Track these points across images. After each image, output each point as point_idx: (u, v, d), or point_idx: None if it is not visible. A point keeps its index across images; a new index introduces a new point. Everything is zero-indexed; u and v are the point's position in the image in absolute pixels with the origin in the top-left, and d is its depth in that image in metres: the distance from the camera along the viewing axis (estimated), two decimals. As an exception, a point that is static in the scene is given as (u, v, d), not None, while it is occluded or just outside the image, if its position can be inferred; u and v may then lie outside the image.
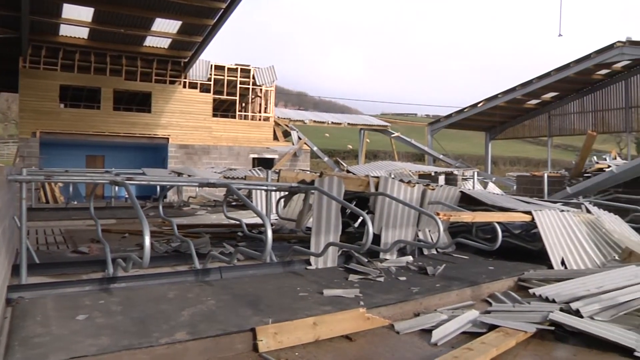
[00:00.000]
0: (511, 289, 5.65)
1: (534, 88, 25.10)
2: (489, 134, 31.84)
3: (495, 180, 24.88)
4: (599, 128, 26.67)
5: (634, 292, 4.71)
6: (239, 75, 26.73)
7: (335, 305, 4.41)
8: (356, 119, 34.66)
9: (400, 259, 6.55)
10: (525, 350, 3.81)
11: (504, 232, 7.33)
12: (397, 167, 18.94)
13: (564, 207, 8.11)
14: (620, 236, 7.54)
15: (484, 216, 6.93)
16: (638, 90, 25.72)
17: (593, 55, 22.47)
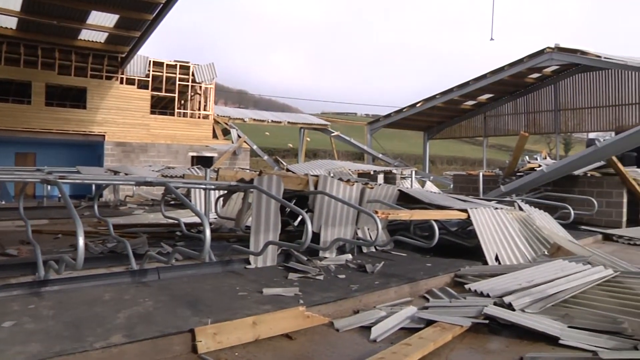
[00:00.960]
0: (448, 284, 5.79)
1: (471, 89, 25.76)
2: (427, 134, 32.48)
3: (433, 179, 25.40)
4: (530, 129, 27.64)
5: (560, 284, 4.94)
6: (178, 72, 26.26)
7: (275, 304, 4.40)
8: (296, 117, 34.70)
9: (340, 257, 6.61)
10: (461, 343, 3.92)
11: (441, 230, 7.49)
12: (336, 165, 19.05)
13: (498, 205, 8.38)
14: (549, 232, 7.87)
15: (421, 214, 7.07)
16: (566, 93, 26.83)
17: (525, 59, 23.26)
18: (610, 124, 25.39)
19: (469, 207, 7.47)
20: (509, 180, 12.28)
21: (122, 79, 24.38)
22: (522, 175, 12.16)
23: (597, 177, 11.62)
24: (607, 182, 11.37)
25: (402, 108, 29.21)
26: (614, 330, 4.05)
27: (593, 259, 6.45)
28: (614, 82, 25.02)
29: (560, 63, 23.27)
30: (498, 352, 3.78)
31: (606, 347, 3.72)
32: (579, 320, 4.26)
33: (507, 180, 12.35)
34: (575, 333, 3.99)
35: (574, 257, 6.53)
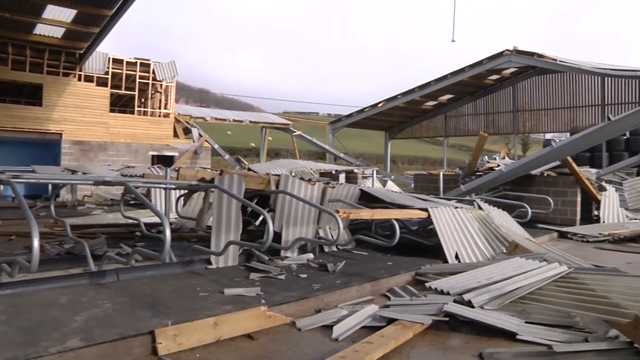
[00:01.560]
0: (409, 283, 5.85)
1: (432, 90, 26.11)
2: (388, 134, 32.77)
3: (394, 178, 25.64)
4: (490, 129, 28.19)
5: (518, 281, 5.06)
6: (138, 70, 25.82)
7: (236, 304, 4.38)
8: (258, 116, 34.55)
9: (301, 257, 6.61)
10: (422, 340, 3.97)
11: (402, 229, 7.58)
12: (298, 165, 19.04)
13: (458, 204, 8.51)
14: (507, 230, 8.04)
15: (382, 213, 7.12)
16: (524, 95, 27.47)
17: (485, 61, 23.72)
18: (566, 125, 26.09)
19: (430, 207, 7.57)
20: (469, 179, 12.48)
21: (80, 75, 23.79)
22: (481, 175, 12.37)
23: (553, 176, 11.92)
24: (563, 182, 11.67)
25: (363, 108, 29.40)
26: (568, 324, 4.19)
27: (549, 256, 6.62)
28: (569, 85, 25.73)
29: (519, 65, 23.83)
30: (458, 349, 3.85)
31: (560, 341, 3.84)
32: (535, 316, 4.38)
33: (467, 179, 12.54)
34: (531, 328, 4.10)
35: (531, 254, 6.68)
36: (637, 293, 4.76)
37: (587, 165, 19.17)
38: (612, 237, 9.52)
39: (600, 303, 4.56)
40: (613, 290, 4.85)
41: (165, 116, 26.82)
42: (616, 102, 24.28)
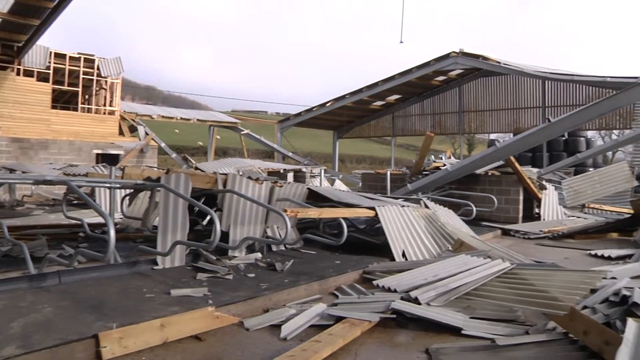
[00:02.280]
0: (357, 281, 5.90)
1: (380, 90, 26.37)
2: (336, 133, 32.92)
3: (342, 177, 25.78)
4: (436, 129, 28.71)
5: (463, 278, 5.18)
6: (82, 65, 25.08)
7: (183, 305, 4.32)
8: (206, 115, 34.10)
9: (249, 256, 6.58)
10: (370, 338, 4.01)
11: (349, 227, 7.63)
12: (246, 164, 18.94)
13: (405, 203, 8.63)
14: (453, 228, 8.20)
15: (330, 212, 7.16)
16: (469, 96, 28.11)
17: (432, 62, 24.12)
18: (509, 126, 26.86)
19: (377, 205, 7.65)
20: (416, 178, 12.67)
21: (19, 70, 22.90)
22: (428, 174, 12.58)
23: (497, 175, 12.23)
24: (506, 181, 11.99)
25: (312, 107, 29.45)
26: (510, 318, 4.33)
27: (493, 253, 6.80)
28: (513, 87, 26.49)
29: (464, 67, 24.37)
30: (405, 345, 3.90)
31: (502, 334, 3.96)
32: (480, 311, 4.50)
33: (413, 178, 12.73)
34: (476, 323, 4.21)
35: (476, 251, 6.84)
36: (573, 287, 4.96)
37: (529, 164, 19.83)
38: (552, 234, 9.85)
39: (540, 297, 4.74)
40: (552, 285, 5.03)
41: (111, 113, 26.18)
42: (556, 105, 25.15)
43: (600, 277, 5.35)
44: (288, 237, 6.58)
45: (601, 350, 3.30)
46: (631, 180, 15.53)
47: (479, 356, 3.62)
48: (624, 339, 3.19)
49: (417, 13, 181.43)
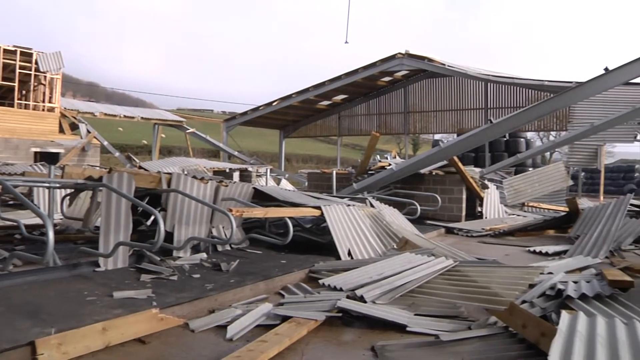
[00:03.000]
0: (303, 280, 5.90)
1: (326, 90, 26.47)
2: (283, 132, 32.87)
3: (288, 176, 25.79)
4: (382, 129, 29.04)
5: (408, 276, 5.26)
6: (18, 59, 24.14)
7: (126, 307, 4.21)
8: (150, 113, 33.45)
9: (194, 257, 6.49)
10: (316, 337, 4.01)
11: (295, 227, 7.63)
12: (191, 163, 18.70)
13: (350, 202, 8.70)
14: (398, 227, 8.32)
15: (276, 212, 7.14)
16: (415, 97, 28.57)
17: (378, 63, 24.39)
18: (453, 127, 27.45)
19: (323, 205, 7.68)
20: (361, 178, 12.78)
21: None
22: (373, 174, 12.71)
23: (440, 175, 12.48)
24: (449, 180, 12.25)
25: (258, 106, 29.30)
26: (454, 315, 4.43)
27: (437, 251, 6.93)
28: (457, 89, 27.09)
29: (410, 68, 24.74)
30: (351, 343, 3.93)
31: (446, 330, 4.04)
32: (424, 308, 4.58)
33: (359, 178, 12.84)
34: (420, 320, 4.27)
35: (420, 249, 6.96)
36: (513, 282, 5.12)
37: (471, 164, 20.33)
38: (493, 232, 10.13)
39: (482, 293, 4.86)
40: (493, 281, 5.17)
41: (50, 110, 25.33)
42: (498, 106, 25.88)
43: (538, 273, 5.54)
44: (234, 237, 6.53)
45: (538, 342, 3.43)
46: (567, 179, 16.17)
47: (423, 352, 3.68)
48: (558, 330, 3.33)
49: (363, 14, 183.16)
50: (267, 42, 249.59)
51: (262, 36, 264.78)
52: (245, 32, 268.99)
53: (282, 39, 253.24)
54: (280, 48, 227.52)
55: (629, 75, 11.08)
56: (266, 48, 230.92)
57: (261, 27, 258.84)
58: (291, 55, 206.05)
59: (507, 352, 3.55)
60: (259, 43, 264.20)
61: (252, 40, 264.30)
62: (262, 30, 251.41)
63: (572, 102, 14.82)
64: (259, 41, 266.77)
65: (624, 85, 15.41)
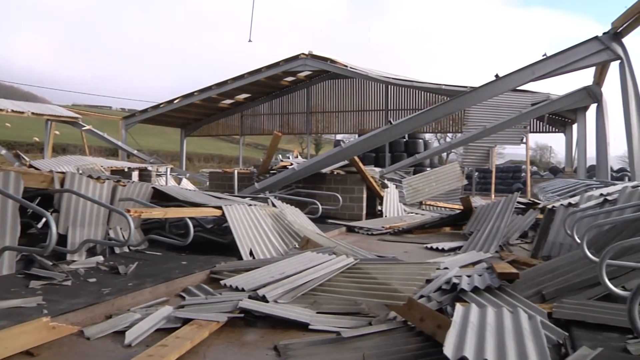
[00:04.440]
0: (204, 281, 5.80)
1: (229, 89, 26.13)
2: (184, 131, 32.13)
3: (189, 176, 25.28)
4: (284, 129, 29.10)
5: (309, 274, 5.32)
6: None
7: (13, 318, 3.94)
8: (42, 108, 31.50)
9: (90, 260, 6.19)
10: (218, 338, 3.96)
11: (196, 227, 7.50)
12: (87, 162, 17.90)
13: (252, 202, 8.68)
14: (299, 226, 8.38)
15: (176, 212, 6.99)
16: (317, 97, 28.86)
17: (281, 63, 24.39)
18: (354, 127, 27.99)
19: (224, 204, 7.60)
20: (263, 177, 12.77)
21: None
22: (275, 173, 12.73)
23: (342, 174, 12.69)
24: (350, 179, 12.48)
25: (159, 104, 28.46)
26: (355, 311, 4.53)
27: (338, 249, 7.06)
28: (358, 90, 27.64)
29: (313, 69, 24.95)
30: (254, 343, 3.91)
31: (347, 327, 4.12)
32: (326, 306, 4.64)
33: (261, 177, 12.81)
34: (322, 318, 4.33)
35: (322, 248, 7.05)
36: (411, 278, 5.32)
37: (372, 164, 20.85)
38: (393, 230, 10.44)
39: (382, 289, 5.01)
40: (392, 277, 5.34)
41: None
42: (397, 108, 26.69)
43: (434, 268, 5.79)
44: (132, 239, 6.31)
45: (434, 334, 3.58)
46: (461, 179, 17.00)
47: (325, 349, 3.73)
48: (453, 322, 3.50)
49: (267, 14, 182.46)
50: (169, 39, 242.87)
51: (163, 33, 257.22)
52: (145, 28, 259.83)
53: (183, 35, 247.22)
54: (182, 45, 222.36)
55: (516, 82, 11.85)
56: (167, 45, 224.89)
57: (162, 24, 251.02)
58: (193, 53, 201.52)
59: (406, 346, 3.67)
60: (160, 40, 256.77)
61: (153, 37, 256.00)
62: (163, 27, 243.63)
63: (467, 106, 15.60)
64: (160, 38, 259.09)
65: (513, 92, 16.46)
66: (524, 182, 24.91)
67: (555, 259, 6.13)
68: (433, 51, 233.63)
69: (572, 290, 4.67)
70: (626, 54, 11.10)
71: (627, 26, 10.74)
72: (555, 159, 56.36)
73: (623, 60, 11.10)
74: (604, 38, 11.05)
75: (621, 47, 11.04)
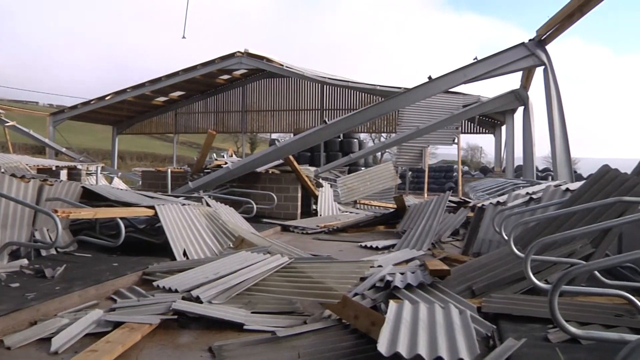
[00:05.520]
0: (136, 283, 5.67)
1: (163, 86, 25.60)
2: (116, 128, 31.26)
3: (121, 175, 24.63)
4: (219, 128, 28.80)
5: (244, 274, 5.31)
6: None
7: None
8: (-40, 104, 30.01)
9: (13, 264, 5.91)
10: (151, 341, 3.88)
11: (128, 227, 7.32)
12: (11, 160, 17.08)
13: (186, 201, 8.55)
14: (234, 226, 8.32)
15: (106, 212, 6.79)
16: (253, 96, 28.72)
17: (217, 60, 24.10)
18: (290, 127, 28.02)
19: (157, 204, 7.46)
20: (197, 176, 12.60)
21: None
22: (209, 172, 12.60)
23: (277, 174, 12.68)
24: (285, 179, 12.48)
25: (90, 100, 27.56)
26: (290, 310, 4.54)
27: (272, 249, 7.05)
28: (294, 89, 27.70)
29: (249, 67, 24.79)
30: (188, 345, 3.85)
31: (282, 326, 4.12)
32: (261, 305, 4.63)
33: (195, 176, 12.65)
34: (257, 317, 4.32)
35: (256, 247, 7.03)
36: (346, 276, 5.38)
37: (307, 163, 20.91)
38: (328, 229, 10.52)
39: (316, 288, 5.04)
40: (327, 276, 5.39)
41: None
42: (332, 108, 26.91)
43: (368, 266, 5.88)
44: (59, 240, 6.06)
45: (369, 331, 3.63)
46: (395, 178, 17.33)
47: (260, 349, 3.72)
48: (386, 319, 3.58)
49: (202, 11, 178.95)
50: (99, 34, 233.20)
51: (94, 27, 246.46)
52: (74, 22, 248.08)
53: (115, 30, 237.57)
54: (114, 40, 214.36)
55: (448, 84, 12.21)
56: (97, 40, 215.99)
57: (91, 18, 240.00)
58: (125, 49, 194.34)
59: (341, 343, 3.71)
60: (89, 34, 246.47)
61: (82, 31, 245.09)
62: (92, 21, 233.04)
63: (401, 106, 15.92)
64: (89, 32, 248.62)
65: (445, 94, 16.94)
66: (455, 182, 25.62)
67: (484, 255, 6.33)
68: (368, 52, 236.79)
69: (500, 285, 4.85)
70: (549, 60, 11.65)
71: (550, 34, 11.30)
72: (485, 159, 58.28)
73: (547, 66, 11.65)
74: (530, 45, 11.56)
75: (545, 53, 11.58)
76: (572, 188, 6.90)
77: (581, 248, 4.98)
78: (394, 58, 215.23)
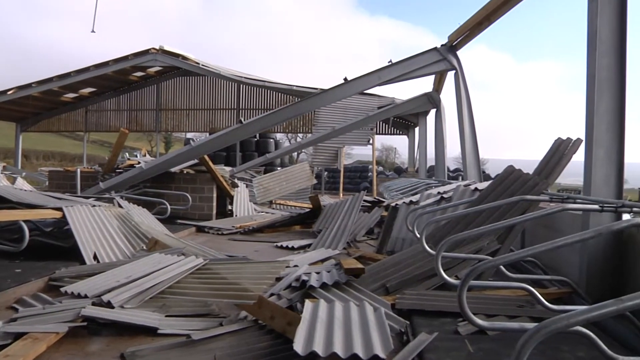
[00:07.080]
0: (42, 290, 5.39)
1: (72, 81, 24.49)
2: (20, 126, 29.62)
3: (26, 175, 23.39)
4: (133, 126, 27.95)
5: (158, 277, 5.19)
6: None
7: None
8: None
9: None
10: (57, 352, 3.70)
11: (33, 231, 6.99)
12: None
13: (96, 203, 8.25)
14: (147, 227, 8.12)
15: (8, 215, 6.44)
16: (168, 94, 28.07)
17: (130, 57, 23.34)
18: (206, 126, 27.62)
19: (65, 205, 7.16)
20: (109, 177, 12.19)
21: None
22: (121, 172, 12.21)
23: (191, 174, 12.47)
24: (200, 179, 12.30)
25: (-13, 94, 25.96)
26: (205, 313, 4.48)
27: (187, 250, 6.93)
28: (210, 88, 27.34)
29: (164, 65, 24.20)
30: (99, 353, 3.72)
31: (198, 329, 4.08)
32: (176, 309, 4.55)
33: (106, 177, 12.22)
34: (172, 321, 4.25)
35: (170, 249, 6.88)
36: (262, 277, 5.39)
37: (222, 163, 20.70)
38: (243, 229, 10.45)
39: (232, 289, 5.01)
40: (243, 277, 5.37)
41: None
42: (249, 108, 26.77)
43: (284, 266, 5.91)
44: (-45, 245, 5.70)
45: (285, 331, 3.66)
46: (311, 178, 17.48)
47: (175, 353, 3.65)
48: (302, 318, 3.62)
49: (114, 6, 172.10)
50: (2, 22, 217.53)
51: None
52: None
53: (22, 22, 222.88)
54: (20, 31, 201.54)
55: (363, 85, 12.47)
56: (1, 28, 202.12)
57: None
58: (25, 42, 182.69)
59: (258, 344, 3.71)
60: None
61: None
62: None
63: (317, 107, 16.07)
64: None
65: (360, 95, 17.28)
66: (370, 182, 26.14)
67: (398, 253, 6.52)
68: (285, 52, 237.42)
69: (413, 282, 5.02)
70: (460, 65, 12.18)
71: (461, 40, 11.83)
72: (399, 159, 59.81)
73: (457, 70, 12.16)
74: (442, 49, 12.04)
75: (456, 58, 12.10)
76: (481, 187, 7.25)
77: (488, 244, 5.25)
78: (311, 59, 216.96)
